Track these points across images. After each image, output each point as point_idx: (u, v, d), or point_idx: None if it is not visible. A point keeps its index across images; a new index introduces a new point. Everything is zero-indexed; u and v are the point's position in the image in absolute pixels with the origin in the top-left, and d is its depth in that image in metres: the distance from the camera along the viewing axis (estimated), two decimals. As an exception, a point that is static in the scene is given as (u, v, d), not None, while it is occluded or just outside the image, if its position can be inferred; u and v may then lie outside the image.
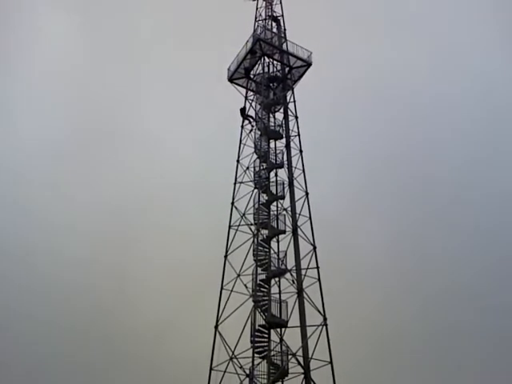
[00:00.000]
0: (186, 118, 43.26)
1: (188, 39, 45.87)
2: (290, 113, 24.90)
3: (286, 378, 19.09)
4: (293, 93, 25.62)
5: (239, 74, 25.65)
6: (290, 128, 24.49)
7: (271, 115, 24.75)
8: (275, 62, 25.89)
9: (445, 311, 31.30)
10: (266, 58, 25.65)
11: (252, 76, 25.67)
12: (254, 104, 25.14)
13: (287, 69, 25.72)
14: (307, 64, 25.56)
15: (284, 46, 25.76)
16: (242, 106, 24.77)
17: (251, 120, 24.32)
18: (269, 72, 25.62)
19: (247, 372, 18.60)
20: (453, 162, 39.66)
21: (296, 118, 24.86)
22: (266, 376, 18.38)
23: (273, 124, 24.41)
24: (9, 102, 42.98)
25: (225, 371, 19.04)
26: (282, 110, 25.04)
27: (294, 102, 25.30)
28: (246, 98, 25.60)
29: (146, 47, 45.64)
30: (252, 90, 25.67)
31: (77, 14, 46.05)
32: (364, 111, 41.77)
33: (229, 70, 25.98)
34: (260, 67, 25.65)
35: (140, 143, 42.63)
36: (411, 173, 39.28)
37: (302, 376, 19.00)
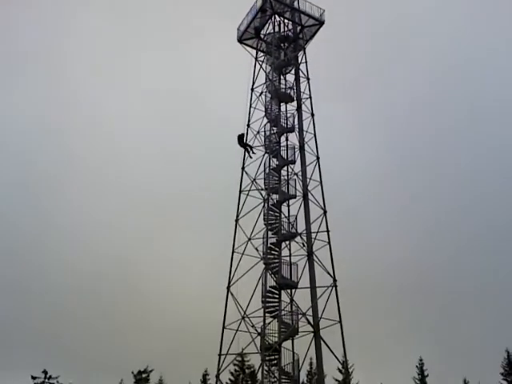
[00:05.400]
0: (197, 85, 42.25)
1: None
2: (301, 74, 24.39)
3: (297, 336, 19.88)
4: (304, 53, 24.98)
5: (249, 35, 24.96)
6: (302, 90, 24.06)
7: (282, 77, 24.28)
8: (286, 21, 25.07)
9: (457, 280, 31.57)
10: (276, 16, 24.84)
11: (262, 36, 24.97)
12: (264, 66, 24.61)
13: (299, 28, 24.93)
14: (319, 23, 24.73)
15: (295, 3, 24.84)
16: (240, 132, 22.65)
17: (249, 149, 22.70)
18: (280, 31, 24.89)
19: (259, 330, 19.36)
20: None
21: (308, 79, 24.35)
22: (276, 334, 19.13)
23: (283, 86, 23.98)
24: None
25: (237, 330, 19.85)
26: (293, 72, 24.52)
27: (306, 62, 24.73)
28: (256, 59, 25.02)
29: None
30: (262, 51, 25.05)
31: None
32: (380, 73, 40.46)
33: (238, 30, 25.27)
34: (270, 27, 24.89)
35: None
36: (427, 137, 38.57)
37: (312, 334, 19.75)
